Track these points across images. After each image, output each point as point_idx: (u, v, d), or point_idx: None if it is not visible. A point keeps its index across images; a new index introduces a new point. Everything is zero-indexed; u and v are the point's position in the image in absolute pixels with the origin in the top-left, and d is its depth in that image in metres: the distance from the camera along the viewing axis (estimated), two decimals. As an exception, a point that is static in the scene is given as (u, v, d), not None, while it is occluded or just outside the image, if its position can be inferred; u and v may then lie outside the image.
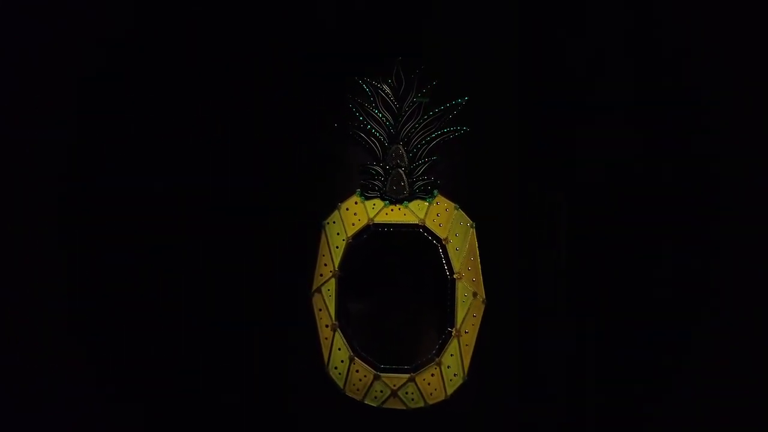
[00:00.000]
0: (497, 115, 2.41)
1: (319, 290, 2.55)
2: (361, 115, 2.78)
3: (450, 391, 2.35)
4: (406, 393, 2.36)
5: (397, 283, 2.49)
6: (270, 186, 2.57)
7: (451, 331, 2.38)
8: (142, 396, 2.25)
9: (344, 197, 2.65)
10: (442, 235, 2.46)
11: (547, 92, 2.35)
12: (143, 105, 2.30)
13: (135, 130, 2.29)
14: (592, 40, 2.19)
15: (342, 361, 2.46)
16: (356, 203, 2.67)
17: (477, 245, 2.47)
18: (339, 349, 2.48)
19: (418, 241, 2.51)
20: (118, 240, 2.27)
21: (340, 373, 2.47)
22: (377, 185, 2.61)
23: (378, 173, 2.62)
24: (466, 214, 2.49)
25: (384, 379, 2.37)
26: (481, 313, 2.37)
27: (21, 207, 2.18)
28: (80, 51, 2.17)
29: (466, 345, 2.37)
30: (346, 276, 2.54)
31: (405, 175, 2.62)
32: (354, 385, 2.40)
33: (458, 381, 2.36)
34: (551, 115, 2.34)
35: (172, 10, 2.26)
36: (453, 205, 2.54)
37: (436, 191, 2.58)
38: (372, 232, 2.56)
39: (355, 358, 2.43)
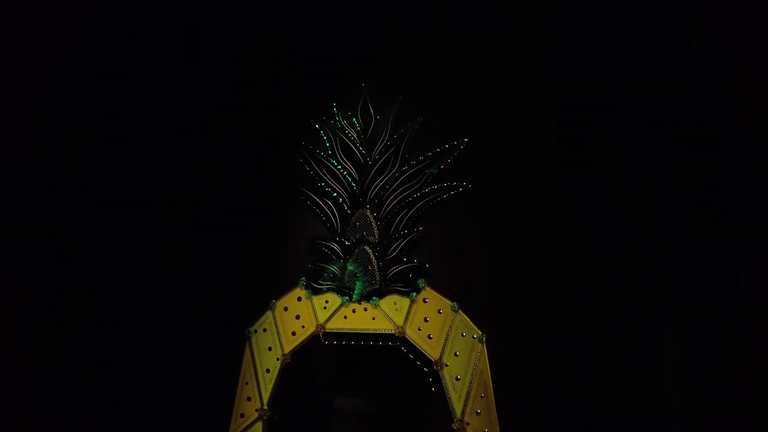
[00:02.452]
0: (523, 161, 1.98)
1: None
2: (309, 166, 2.10)
3: None
4: None
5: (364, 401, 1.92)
6: (168, 270, 2.07)
7: None
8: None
9: (282, 291, 2.02)
10: (433, 354, 1.86)
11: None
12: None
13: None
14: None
15: None
16: (299, 300, 2.03)
17: (490, 373, 1.78)
18: None
19: (395, 365, 1.87)
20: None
21: None
22: (332, 272, 1.98)
23: (334, 253, 2.00)
24: (471, 319, 1.85)
25: None
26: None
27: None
28: (59, 55, 2.08)
29: None
30: (279, 420, 1.93)
31: (374, 255, 1.97)
32: None
33: None
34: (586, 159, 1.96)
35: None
36: (450, 303, 1.90)
37: (422, 282, 1.93)
38: (322, 348, 1.95)
39: None
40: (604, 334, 1.86)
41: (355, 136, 2.05)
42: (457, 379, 1.78)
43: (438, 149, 1.98)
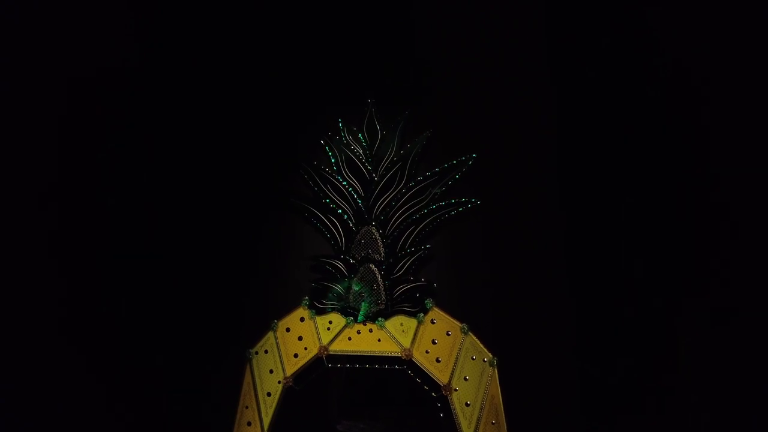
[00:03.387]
0: (530, 176, 1.93)
1: None
2: (314, 182, 2.03)
3: None
4: None
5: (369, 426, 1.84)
6: (167, 287, 2.00)
7: None
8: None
9: (284, 311, 1.93)
10: (441, 378, 1.76)
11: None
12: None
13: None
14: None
15: None
16: (302, 320, 1.94)
17: (501, 399, 1.68)
18: None
19: (402, 389, 1.78)
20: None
21: None
22: (336, 292, 1.90)
23: (338, 271, 1.92)
24: (481, 341, 1.76)
25: None
26: None
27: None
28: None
29: None
30: None
31: (380, 273, 1.89)
32: None
33: None
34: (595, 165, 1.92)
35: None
36: (459, 325, 1.81)
37: (430, 302, 1.84)
38: (326, 371, 1.85)
39: None
40: (618, 354, 1.77)
41: (360, 152, 1.99)
42: (467, 404, 1.68)
43: (445, 165, 1.92)
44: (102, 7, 2.02)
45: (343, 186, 1.98)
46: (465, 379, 1.71)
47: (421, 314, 1.80)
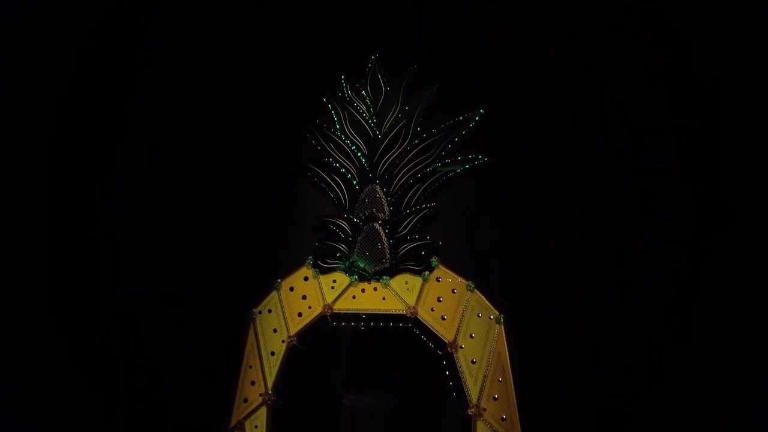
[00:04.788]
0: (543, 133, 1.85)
1: (240, 426, 1.84)
2: (317, 141, 1.98)
3: None
4: None
5: (372, 417, 1.76)
6: (168, 250, 1.96)
7: None
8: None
9: (287, 270, 1.90)
10: (447, 336, 1.73)
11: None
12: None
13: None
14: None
15: None
16: (306, 279, 1.91)
17: (508, 355, 1.65)
18: None
19: (406, 347, 1.74)
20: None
21: None
22: (340, 250, 1.87)
23: (342, 231, 1.88)
24: (488, 299, 1.72)
25: None
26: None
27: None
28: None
29: None
30: (285, 405, 1.81)
31: (384, 232, 1.84)
32: None
33: None
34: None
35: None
36: (465, 283, 1.77)
37: (435, 260, 1.81)
38: (329, 329, 1.83)
39: None
40: (626, 313, 1.73)
41: (364, 109, 1.94)
42: (473, 362, 1.67)
43: (451, 122, 1.86)
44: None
45: (347, 144, 1.93)
46: (471, 336, 1.69)
47: (427, 272, 1.77)
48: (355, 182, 1.90)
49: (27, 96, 1.88)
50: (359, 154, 1.92)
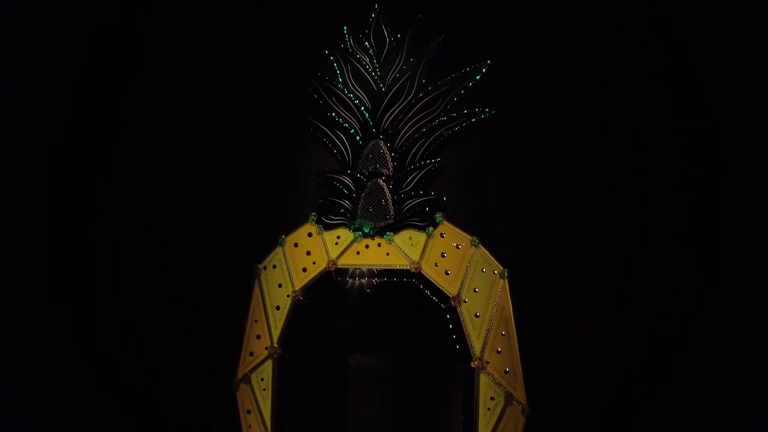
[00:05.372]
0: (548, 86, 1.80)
1: (246, 379, 1.86)
2: (318, 95, 1.94)
3: None
4: None
5: (377, 374, 1.82)
6: (178, 205, 1.97)
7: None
8: None
9: (291, 226, 1.90)
10: (451, 290, 1.74)
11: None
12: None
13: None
14: None
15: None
16: (310, 236, 1.91)
17: (512, 309, 1.66)
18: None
19: (410, 301, 1.76)
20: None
21: None
22: (344, 206, 1.85)
23: (345, 187, 1.86)
24: (491, 254, 1.71)
25: None
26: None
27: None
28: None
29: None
30: (290, 358, 1.83)
31: (388, 188, 1.83)
32: None
33: None
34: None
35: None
36: (469, 238, 1.77)
37: (439, 216, 1.80)
38: (334, 284, 1.85)
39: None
40: (630, 267, 1.72)
41: (367, 61, 1.88)
42: (477, 316, 1.68)
43: (457, 74, 1.81)
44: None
45: (349, 98, 1.88)
46: (474, 291, 1.69)
47: (431, 228, 1.77)
48: (358, 138, 1.87)
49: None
50: (362, 108, 1.88)
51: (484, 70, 1.79)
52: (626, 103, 1.79)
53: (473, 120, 1.79)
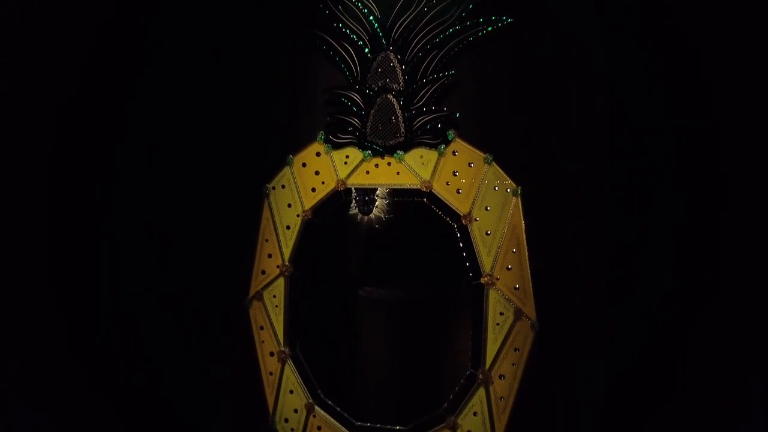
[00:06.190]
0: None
1: (259, 296, 1.90)
2: (324, 4, 1.81)
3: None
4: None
5: (389, 291, 1.81)
6: (183, 127, 1.90)
7: (476, 374, 1.69)
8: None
9: (299, 146, 1.84)
10: (462, 209, 1.71)
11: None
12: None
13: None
14: None
15: (296, 411, 1.84)
16: (318, 155, 1.86)
17: (524, 227, 1.64)
18: (291, 392, 1.85)
19: (421, 220, 1.73)
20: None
21: (291, 430, 1.83)
22: (352, 124, 1.78)
23: (354, 103, 1.78)
24: (505, 171, 1.68)
25: (361, 446, 1.73)
26: (529, 346, 1.64)
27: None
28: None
29: (501, 399, 1.65)
30: (301, 275, 1.85)
31: (399, 104, 1.74)
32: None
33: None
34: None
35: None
36: (482, 156, 1.70)
37: (452, 133, 1.73)
38: (343, 203, 1.83)
39: (316, 407, 1.82)
40: (646, 193, 1.67)
41: (375, -36, 1.74)
42: (488, 233, 1.66)
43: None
44: None
45: (357, 7, 1.75)
46: (486, 209, 1.66)
47: (443, 146, 1.70)
48: (366, 50, 1.76)
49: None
50: (371, 17, 1.75)
51: None
52: (654, 20, 1.65)
53: (489, 29, 1.67)
